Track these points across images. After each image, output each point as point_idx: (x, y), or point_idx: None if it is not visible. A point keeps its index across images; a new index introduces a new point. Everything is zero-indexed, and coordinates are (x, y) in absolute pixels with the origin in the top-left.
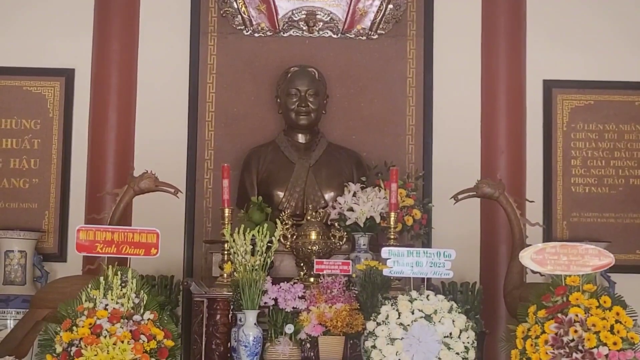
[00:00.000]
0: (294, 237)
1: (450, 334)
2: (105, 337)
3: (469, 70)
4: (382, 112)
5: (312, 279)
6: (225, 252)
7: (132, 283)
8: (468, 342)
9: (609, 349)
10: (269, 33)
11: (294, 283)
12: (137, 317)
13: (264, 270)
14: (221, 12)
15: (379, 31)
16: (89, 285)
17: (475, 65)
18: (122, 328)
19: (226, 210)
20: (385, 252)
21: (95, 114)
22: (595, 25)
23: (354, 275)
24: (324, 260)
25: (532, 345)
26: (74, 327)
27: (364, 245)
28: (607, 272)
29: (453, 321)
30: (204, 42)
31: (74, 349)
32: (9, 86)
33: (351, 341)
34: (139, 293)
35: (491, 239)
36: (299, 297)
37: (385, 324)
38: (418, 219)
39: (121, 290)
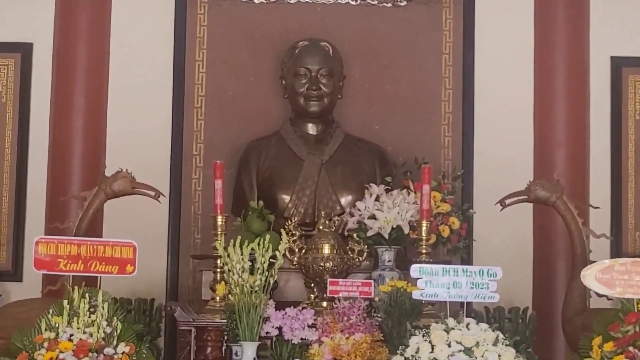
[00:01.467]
0: (303, 251)
1: None
2: None
3: (519, 44)
4: (412, 96)
5: (324, 303)
6: (218, 270)
7: (102, 308)
8: None
9: None
10: None
11: (303, 308)
12: (109, 350)
13: (265, 293)
14: None
15: None
16: (50, 311)
17: (527, 38)
18: None
19: (219, 218)
20: (415, 270)
21: (58, 98)
22: None
23: (376, 299)
24: (340, 280)
25: None
26: None
27: (389, 261)
28: None
29: (499, 356)
30: (192, 11)
31: None
32: None
33: None
34: (112, 320)
35: (546, 254)
36: (308, 326)
37: (416, 359)
38: (456, 228)
39: (89, 316)
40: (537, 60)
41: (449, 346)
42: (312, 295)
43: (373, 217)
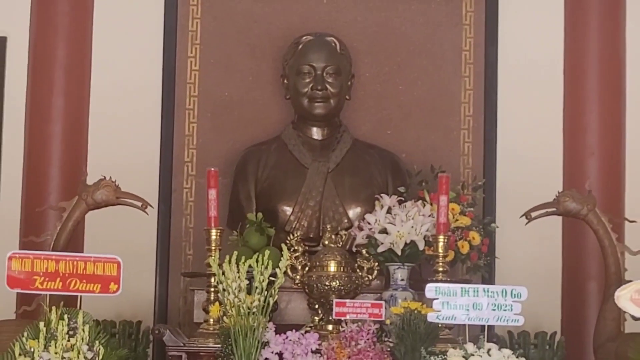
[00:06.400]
0: (306, 268)
1: None
2: None
3: (547, 39)
4: (428, 97)
5: (330, 327)
6: (212, 289)
7: (83, 331)
8: None
9: None
10: None
11: (306, 332)
12: None
13: (264, 314)
14: None
15: None
16: (25, 334)
17: (556, 33)
18: None
19: (213, 232)
20: (431, 289)
21: (35, 99)
22: None
23: (387, 322)
24: (347, 300)
25: None
26: None
27: (402, 280)
28: None
29: None
30: (185, 2)
31: None
32: None
33: None
34: (94, 345)
35: (577, 273)
36: (312, 352)
37: None
38: (477, 244)
39: (69, 340)
40: (568, 58)
41: None
42: (316, 318)
43: (384, 231)
